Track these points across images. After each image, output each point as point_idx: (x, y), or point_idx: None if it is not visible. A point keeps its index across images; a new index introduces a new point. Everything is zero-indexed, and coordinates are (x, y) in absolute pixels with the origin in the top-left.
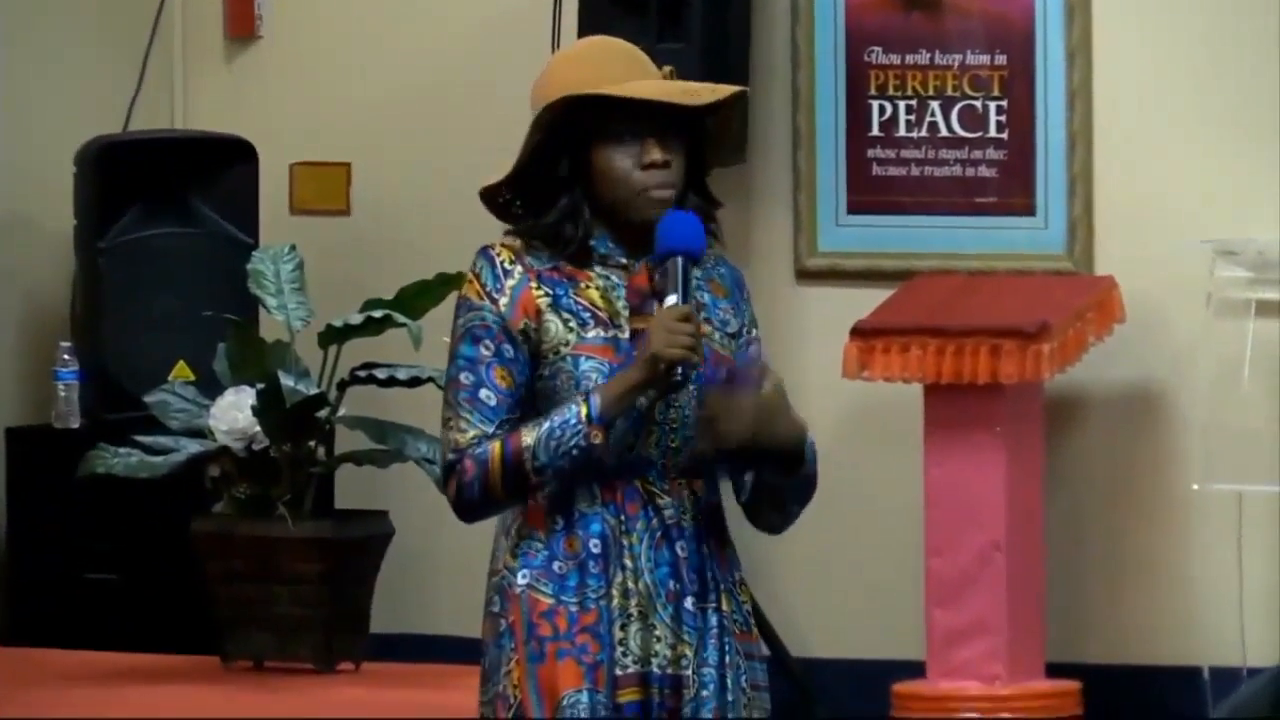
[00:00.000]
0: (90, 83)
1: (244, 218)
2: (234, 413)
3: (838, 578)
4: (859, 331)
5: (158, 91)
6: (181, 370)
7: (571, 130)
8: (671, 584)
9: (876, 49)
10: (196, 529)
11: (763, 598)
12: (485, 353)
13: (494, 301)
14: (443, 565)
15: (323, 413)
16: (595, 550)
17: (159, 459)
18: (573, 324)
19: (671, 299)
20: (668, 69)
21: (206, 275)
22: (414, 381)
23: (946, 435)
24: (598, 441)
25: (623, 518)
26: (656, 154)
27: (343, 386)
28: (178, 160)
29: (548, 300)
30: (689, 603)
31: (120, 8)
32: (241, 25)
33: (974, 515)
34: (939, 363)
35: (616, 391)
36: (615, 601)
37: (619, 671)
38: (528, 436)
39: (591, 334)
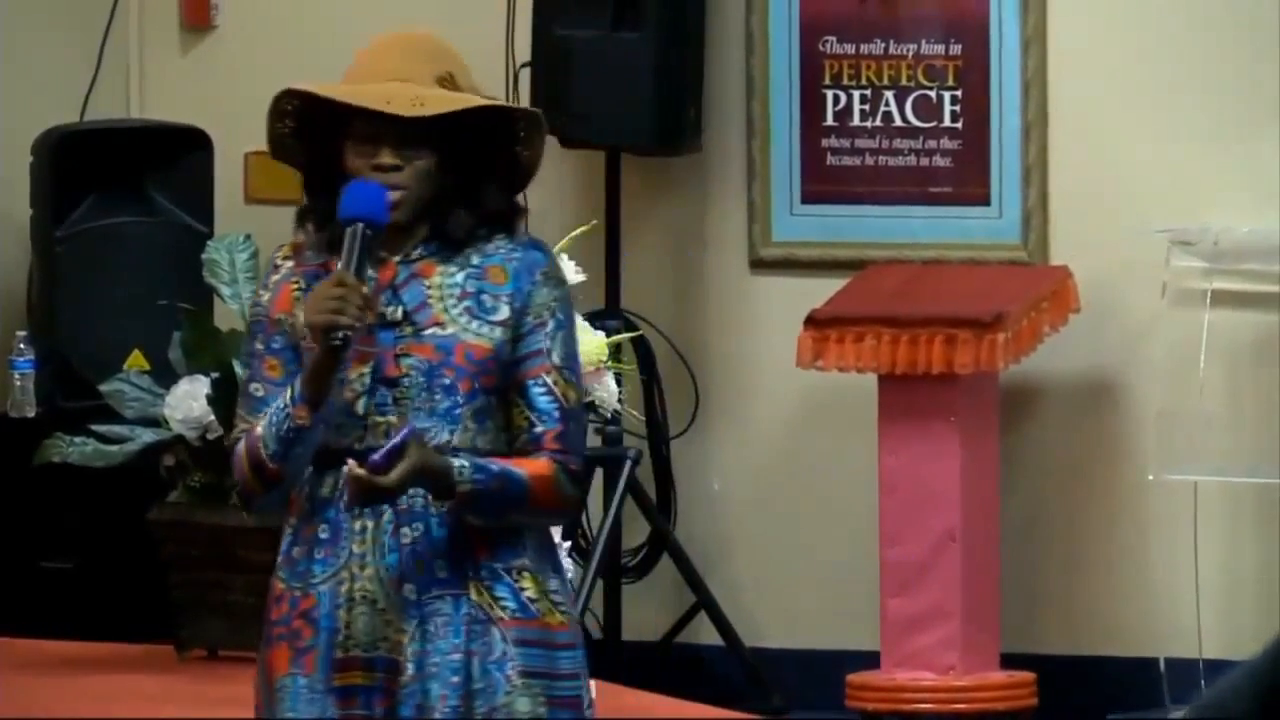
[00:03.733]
0: (47, 73)
1: (199, 207)
2: (189, 401)
3: (792, 567)
4: (813, 321)
5: (114, 81)
6: (136, 359)
7: (320, 124)
8: (396, 571)
9: (831, 38)
10: (152, 517)
11: (715, 587)
12: (258, 346)
13: (263, 296)
14: None
15: None
16: (324, 536)
17: (114, 448)
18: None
19: (337, 267)
20: (445, 70)
21: (162, 264)
22: None
23: (901, 425)
24: (303, 421)
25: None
26: (385, 158)
27: None
28: (134, 149)
29: (299, 293)
30: (408, 590)
31: None
32: (197, 15)
33: (929, 505)
34: (893, 352)
35: (308, 371)
36: (344, 587)
37: (338, 654)
38: (259, 426)
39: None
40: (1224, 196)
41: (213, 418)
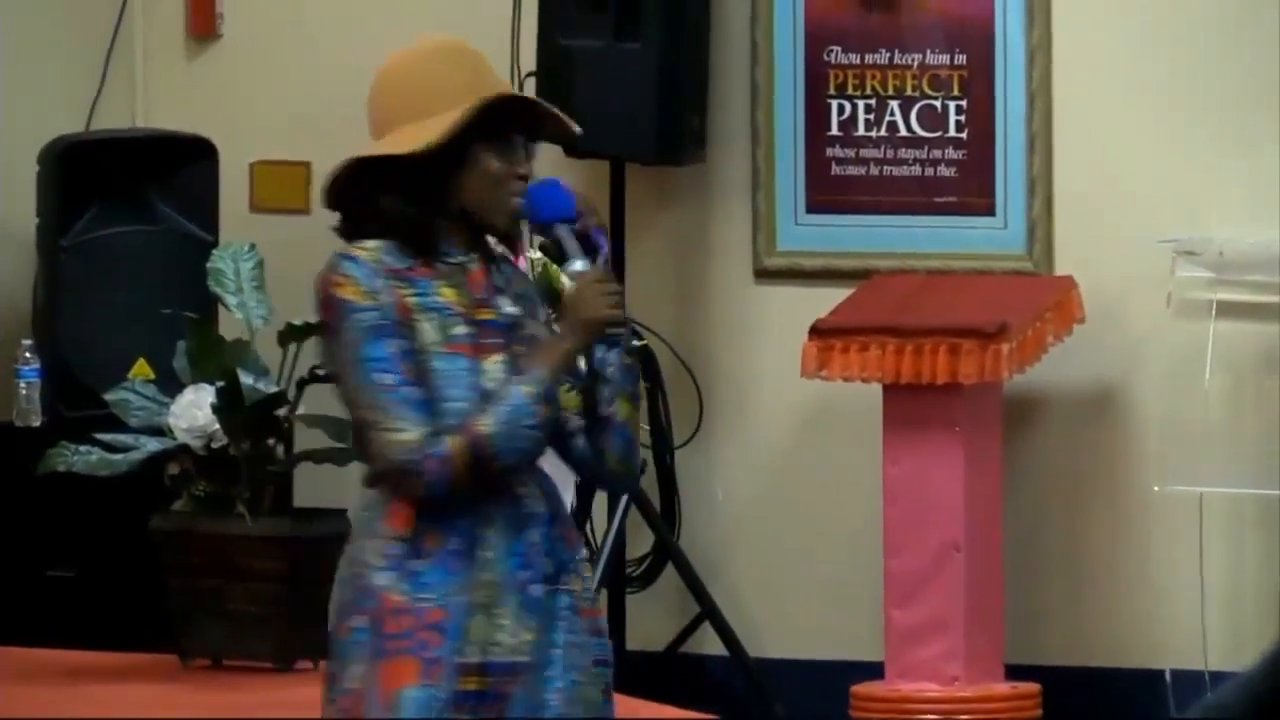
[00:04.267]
0: (53, 82)
1: (204, 216)
2: (194, 411)
3: (795, 577)
4: (818, 331)
5: (120, 91)
6: (141, 368)
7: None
8: (520, 573)
9: (836, 48)
10: (156, 526)
11: (720, 597)
12: (394, 350)
13: (377, 300)
14: None
15: (282, 411)
16: (454, 548)
17: (119, 457)
18: (437, 322)
19: (578, 264)
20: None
21: (167, 273)
22: None
23: (905, 435)
24: (547, 416)
25: (483, 512)
26: (525, 167)
27: (302, 385)
28: (139, 159)
29: (416, 300)
30: (535, 589)
31: (82, 8)
32: (203, 24)
33: (932, 515)
34: (898, 362)
35: (555, 364)
36: (469, 596)
37: (462, 660)
38: (483, 425)
39: (456, 331)
40: (1229, 207)
41: (217, 427)
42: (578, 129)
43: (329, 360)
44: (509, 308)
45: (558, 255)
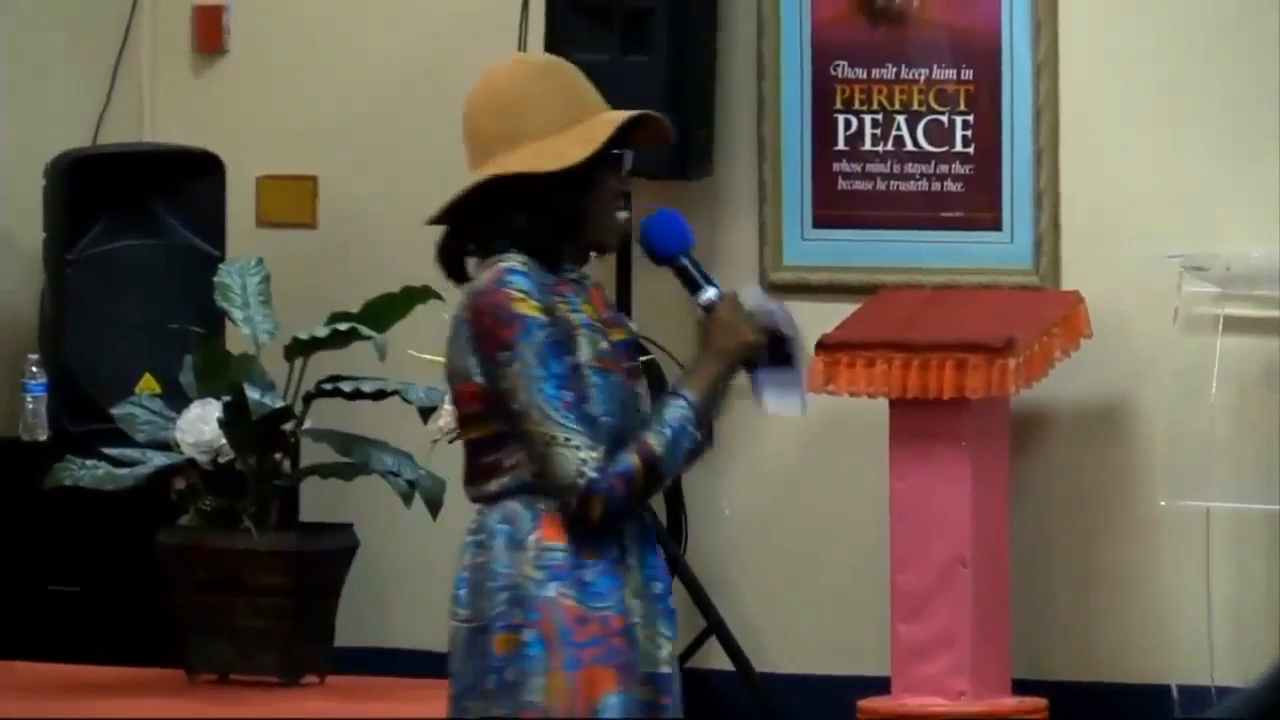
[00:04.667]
0: (59, 96)
1: (211, 231)
2: (200, 425)
3: (802, 592)
4: (824, 345)
5: (126, 105)
6: (148, 383)
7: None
8: (654, 585)
9: (842, 63)
10: (162, 541)
11: (727, 612)
12: (570, 366)
13: (552, 315)
14: (406, 578)
15: (288, 425)
16: (614, 557)
17: (125, 471)
18: (588, 337)
19: (711, 293)
20: None
21: (173, 288)
22: (379, 394)
23: (912, 450)
24: (706, 443)
25: (621, 526)
26: (628, 185)
27: (308, 399)
28: (146, 174)
29: (579, 317)
30: (669, 601)
31: (89, 22)
32: (209, 39)
33: (939, 530)
34: (904, 377)
35: (708, 388)
36: (630, 604)
37: (640, 668)
38: (656, 445)
39: (602, 346)
40: (1236, 222)
41: (223, 441)
42: (669, 130)
43: (495, 370)
44: (632, 327)
45: (686, 285)
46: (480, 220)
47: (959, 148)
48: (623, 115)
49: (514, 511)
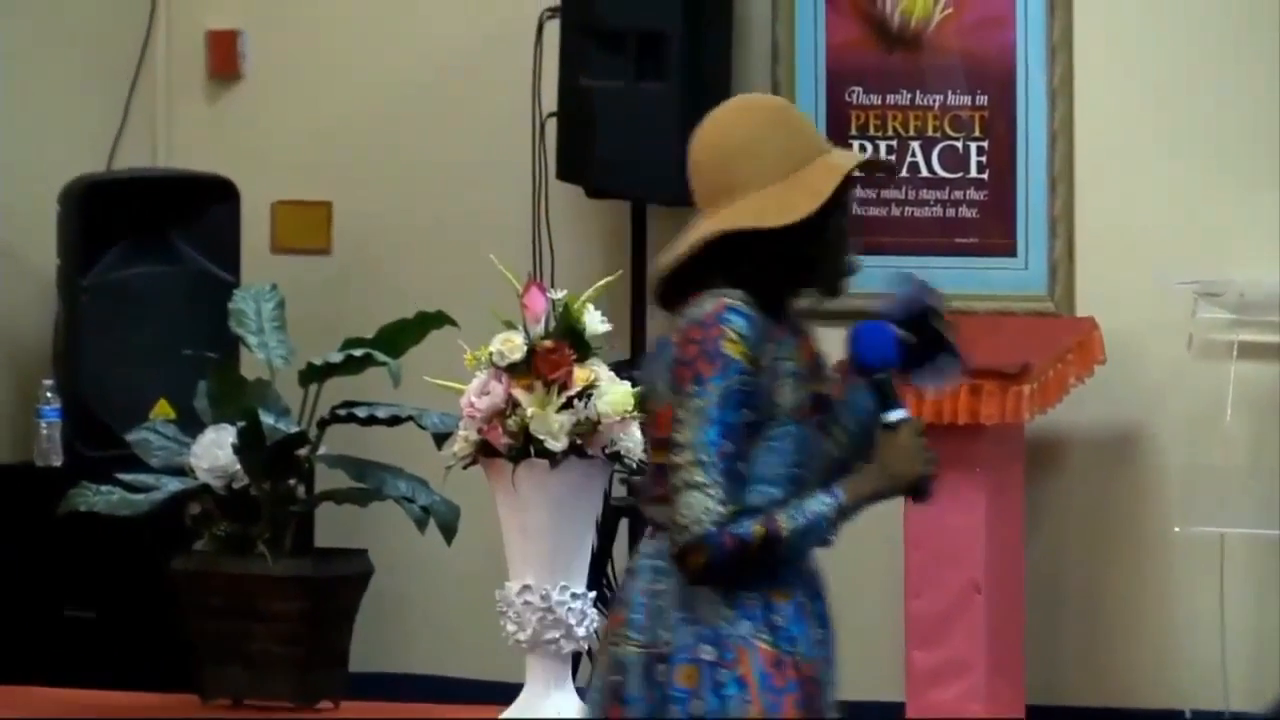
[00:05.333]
0: (74, 122)
1: (226, 256)
2: (215, 451)
3: None
4: (839, 371)
5: (141, 130)
6: (162, 408)
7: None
8: (823, 631)
9: (857, 89)
10: (176, 567)
11: None
12: (743, 420)
13: (757, 366)
14: (420, 604)
15: (303, 451)
16: (800, 600)
17: (140, 497)
18: (793, 386)
19: (899, 413)
20: None
21: (188, 314)
22: (394, 420)
23: None
24: (832, 540)
25: (801, 571)
26: (854, 225)
27: (323, 425)
28: (160, 199)
29: (788, 365)
30: (833, 653)
31: (104, 47)
32: (224, 65)
33: (954, 556)
34: (919, 403)
35: (862, 499)
36: (817, 650)
37: (830, 716)
38: (785, 525)
39: (804, 395)
40: (1251, 248)
41: (238, 467)
42: (893, 165)
43: (680, 398)
44: (831, 377)
45: (879, 399)
46: (706, 268)
47: (974, 174)
48: (848, 163)
49: None
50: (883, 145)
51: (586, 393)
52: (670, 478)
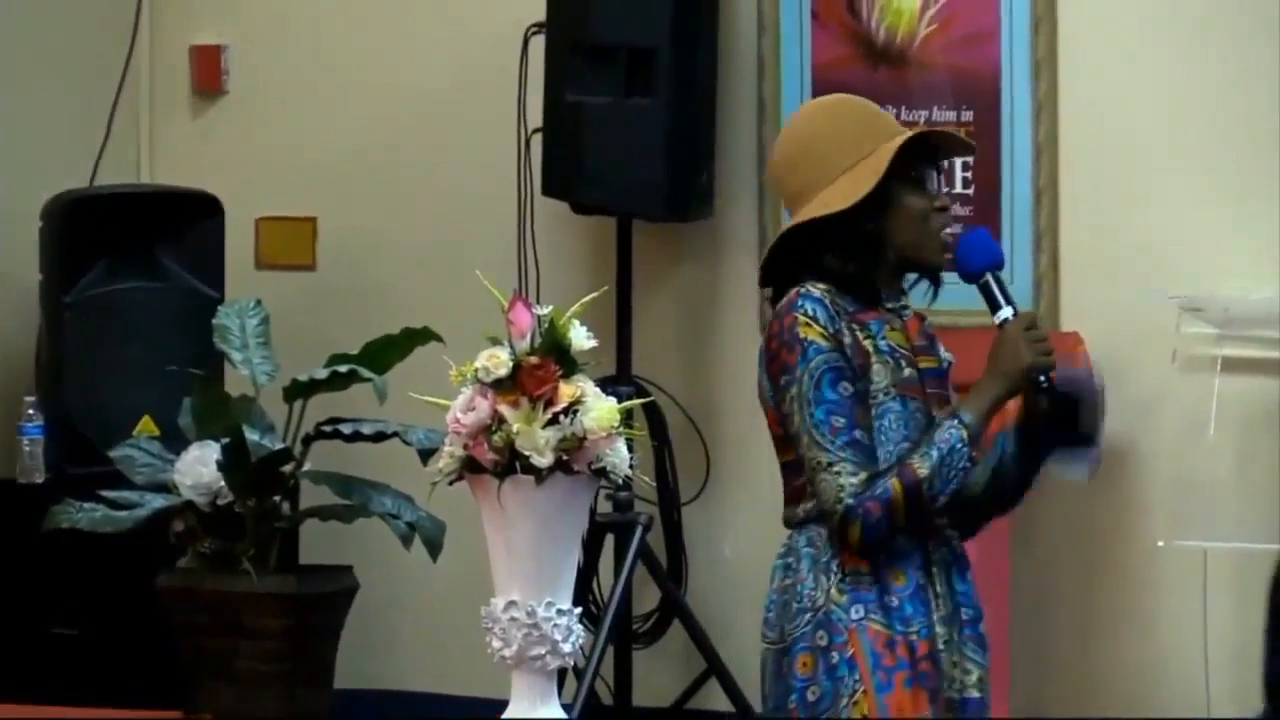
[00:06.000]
0: (57, 137)
1: (210, 272)
2: (199, 467)
3: None
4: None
5: (124, 146)
6: (146, 425)
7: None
8: (965, 610)
9: None
10: (161, 584)
11: (726, 653)
12: (846, 393)
13: (838, 342)
14: (406, 620)
15: (288, 467)
16: (920, 582)
17: (124, 514)
18: (891, 365)
19: (1006, 311)
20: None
21: (172, 330)
22: (379, 436)
23: None
24: (978, 459)
25: (928, 550)
26: (947, 201)
27: (308, 441)
28: (144, 215)
29: (871, 343)
30: (980, 627)
31: (87, 62)
32: (208, 80)
33: None
34: None
35: (985, 408)
36: (937, 630)
37: (947, 693)
38: (921, 468)
39: (906, 374)
40: (1235, 263)
41: (222, 483)
42: (971, 144)
43: (778, 394)
44: (945, 354)
45: (988, 303)
46: (795, 267)
47: (959, 188)
48: (901, 139)
49: (818, 535)
50: None
51: (572, 409)
52: (806, 473)
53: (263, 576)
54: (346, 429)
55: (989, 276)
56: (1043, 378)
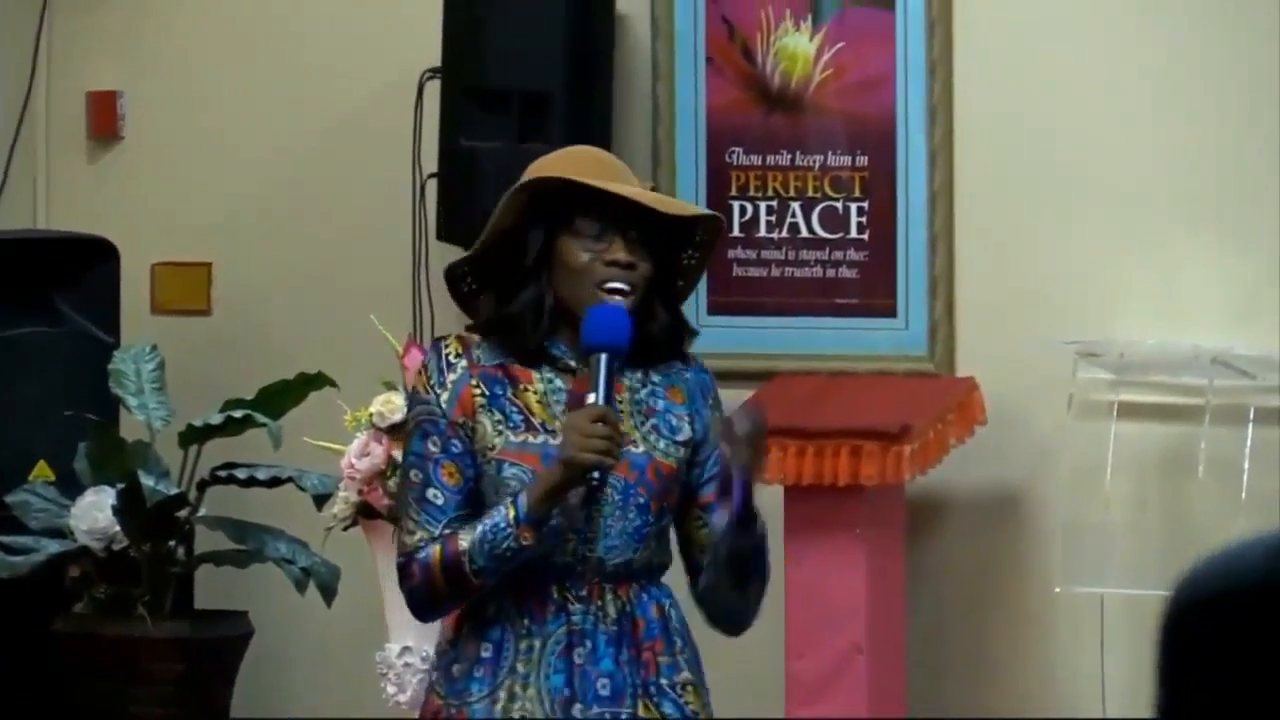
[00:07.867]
0: None
1: (106, 317)
2: (94, 513)
3: None
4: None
5: (21, 191)
6: (42, 470)
7: (541, 220)
8: (564, 690)
9: (738, 149)
10: (56, 629)
11: None
12: (433, 449)
13: (438, 396)
14: (301, 665)
15: (183, 513)
16: (485, 655)
17: (19, 559)
18: (503, 426)
19: (590, 398)
20: (649, 183)
21: (68, 374)
22: (274, 481)
23: (806, 537)
24: (528, 542)
25: (527, 623)
26: (621, 254)
27: (203, 486)
28: (40, 260)
29: (483, 399)
30: (577, 710)
31: None
32: (104, 125)
33: (834, 618)
34: (799, 464)
35: (539, 493)
36: (499, 705)
37: None
38: (464, 540)
39: (519, 439)
40: (1131, 309)
41: (118, 529)
42: (698, 211)
43: None
44: (677, 430)
45: (591, 381)
46: (465, 306)
47: (854, 234)
48: (531, 179)
49: None
50: (763, 205)
51: None
52: None
53: (158, 621)
54: (241, 474)
55: (600, 357)
56: (594, 477)
